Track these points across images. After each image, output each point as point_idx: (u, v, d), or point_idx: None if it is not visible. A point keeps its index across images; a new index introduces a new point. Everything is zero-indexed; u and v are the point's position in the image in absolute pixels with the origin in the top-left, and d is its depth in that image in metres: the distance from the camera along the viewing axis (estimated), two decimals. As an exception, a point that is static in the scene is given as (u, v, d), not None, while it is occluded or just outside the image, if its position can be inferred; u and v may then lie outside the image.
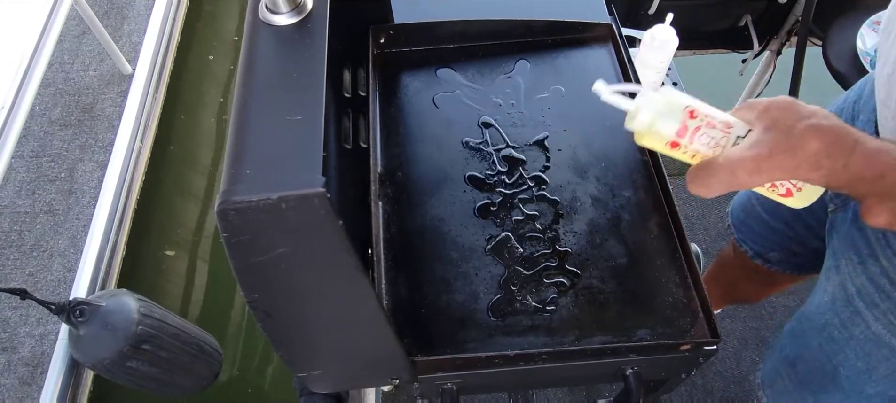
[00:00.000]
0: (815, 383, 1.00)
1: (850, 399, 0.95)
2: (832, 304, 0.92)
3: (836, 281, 0.91)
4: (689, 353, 0.84)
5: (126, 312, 1.03)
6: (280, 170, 0.53)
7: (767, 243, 1.24)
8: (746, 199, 1.27)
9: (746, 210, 1.26)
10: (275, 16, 0.65)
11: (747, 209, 1.26)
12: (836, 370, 0.94)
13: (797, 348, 1.04)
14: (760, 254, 1.27)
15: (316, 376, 0.79)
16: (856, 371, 0.92)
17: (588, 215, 0.93)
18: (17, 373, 1.86)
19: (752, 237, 1.27)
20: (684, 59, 2.12)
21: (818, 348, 0.97)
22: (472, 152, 1.00)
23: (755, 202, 1.23)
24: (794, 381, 1.05)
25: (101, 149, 2.35)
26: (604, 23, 1.14)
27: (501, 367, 0.82)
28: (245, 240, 0.54)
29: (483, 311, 0.84)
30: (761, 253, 1.27)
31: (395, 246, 0.89)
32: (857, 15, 1.59)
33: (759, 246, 1.26)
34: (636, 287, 0.87)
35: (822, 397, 1.00)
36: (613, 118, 1.06)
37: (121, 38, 2.65)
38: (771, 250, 1.25)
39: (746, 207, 1.26)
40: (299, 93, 0.58)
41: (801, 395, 1.04)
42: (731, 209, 1.32)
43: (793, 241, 1.18)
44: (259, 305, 0.62)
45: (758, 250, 1.27)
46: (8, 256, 2.10)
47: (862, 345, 0.89)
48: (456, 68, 1.11)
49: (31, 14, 1.82)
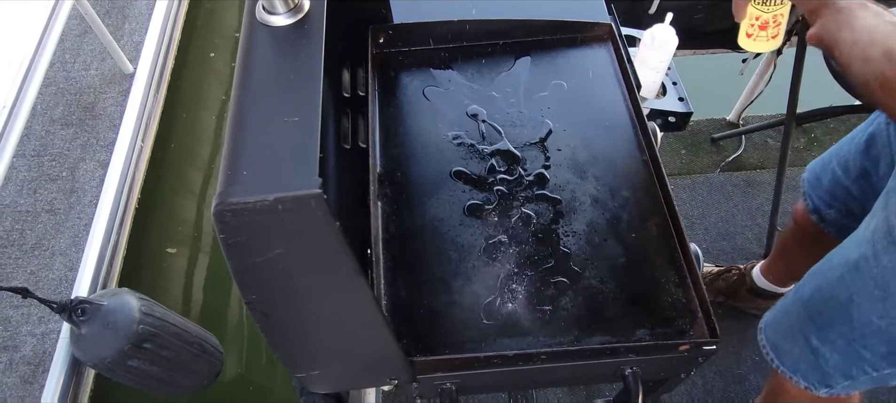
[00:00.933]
0: (825, 316, 1.03)
1: (855, 331, 0.98)
2: (871, 235, 0.96)
3: (881, 216, 0.95)
4: (689, 353, 0.84)
5: (127, 311, 1.03)
6: (276, 171, 0.53)
7: (830, 198, 1.31)
8: (827, 158, 1.32)
9: (823, 166, 1.33)
10: (272, 16, 0.65)
11: (824, 165, 1.33)
12: (850, 298, 0.98)
13: (816, 282, 1.07)
14: (818, 210, 1.34)
15: (314, 376, 0.79)
16: (870, 300, 0.95)
17: (587, 215, 0.93)
18: (18, 372, 1.87)
19: (819, 193, 1.33)
20: (684, 58, 2.11)
21: (838, 279, 1.01)
22: (472, 152, 1.00)
23: (834, 161, 1.29)
24: (801, 319, 1.08)
25: (103, 148, 2.35)
26: (603, 22, 1.14)
27: (500, 367, 0.82)
28: (242, 241, 0.54)
29: (482, 311, 0.84)
30: (819, 209, 1.34)
31: (394, 247, 0.89)
32: (857, 14, 1.59)
33: (821, 202, 1.33)
34: (635, 287, 0.87)
35: (827, 332, 1.03)
36: (613, 118, 1.07)
37: (122, 38, 2.66)
38: (830, 206, 1.31)
39: (824, 163, 1.33)
40: (296, 94, 0.58)
41: (806, 332, 1.07)
42: (806, 172, 1.39)
43: (855, 201, 1.24)
44: (256, 306, 0.62)
45: (818, 205, 1.34)
46: (9, 255, 2.10)
47: (885, 274, 0.93)
48: (455, 68, 1.11)
49: (32, 13, 1.82)
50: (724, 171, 2.29)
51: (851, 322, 0.99)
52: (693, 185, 2.19)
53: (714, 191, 2.18)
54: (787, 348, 1.13)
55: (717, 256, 2.02)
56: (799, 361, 1.11)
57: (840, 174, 1.27)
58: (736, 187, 2.20)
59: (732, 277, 1.80)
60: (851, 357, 1.02)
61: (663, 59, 1.17)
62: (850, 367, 1.03)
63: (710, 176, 2.25)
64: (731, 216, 2.12)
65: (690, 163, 2.34)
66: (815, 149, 2.33)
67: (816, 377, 1.10)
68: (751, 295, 1.79)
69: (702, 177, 2.24)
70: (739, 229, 2.09)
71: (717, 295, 1.83)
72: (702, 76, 2.39)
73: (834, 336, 1.03)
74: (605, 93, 1.08)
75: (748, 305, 1.83)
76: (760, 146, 2.38)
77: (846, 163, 1.25)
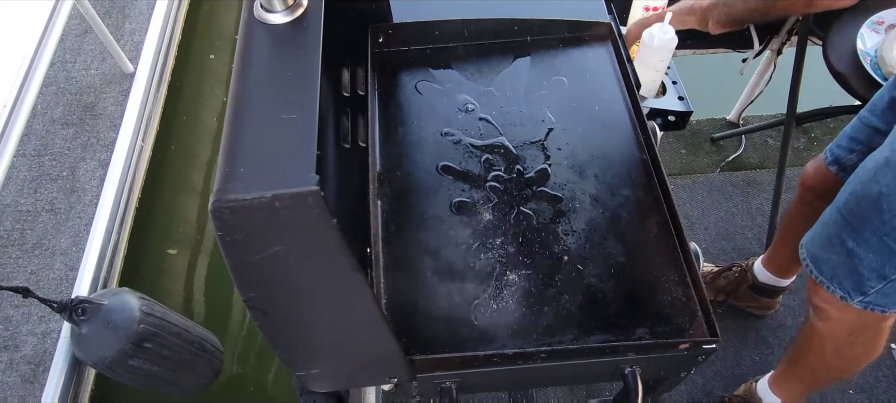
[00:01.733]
0: (858, 216, 1.07)
1: (886, 224, 1.03)
2: None
3: None
4: (688, 352, 0.84)
5: (128, 310, 1.03)
6: (274, 169, 0.53)
7: (851, 143, 1.31)
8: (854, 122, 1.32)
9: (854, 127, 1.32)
10: (270, 15, 0.65)
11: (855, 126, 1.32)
12: (880, 193, 1.02)
13: (851, 187, 1.10)
14: (838, 160, 1.34)
15: (314, 375, 0.79)
16: None
17: (587, 214, 0.93)
18: (19, 372, 1.87)
19: (840, 142, 1.34)
20: (684, 58, 2.11)
21: (870, 178, 1.05)
22: (472, 151, 1.00)
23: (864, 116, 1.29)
24: (838, 224, 1.12)
25: (103, 147, 2.35)
26: (603, 21, 1.14)
27: (500, 366, 0.82)
28: (240, 239, 0.54)
29: (482, 310, 0.84)
30: (839, 159, 1.33)
31: (394, 245, 0.89)
32: (857, 15, 1.59)
33: (841, 150, 1.33)
34: (635, 286, 0.87)
35: (861, 231, 1.07)
36: (613, 117, 1.07)
37: (122, 38, 2.66)
38: (851, 151, 1.31)
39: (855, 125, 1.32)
40: (294, 91, 0.58)
41: (842, 235, 1.11)
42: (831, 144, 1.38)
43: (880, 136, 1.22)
44: (255, 304, 0.62)
45: (838, 155, 1.34)
46: (10, 255, 2.10)
47: None
48: (455, 67, 1.11)
49: (32, 13, 1.82)
50: (724, 171, 2.29)
51: (882, 215, 1.02)
52: (693, 185, 2.19)
53: (714, 190, 2.18)
54: (826, 257, 1.16)
55: (717, 256, 2.02)
56: (836, 268, 1.14)
57: (865, 115, 1.28)
58: (736, 187, 2.20)
59: (733, 274, 1.79)
60: (884, 253, 1.05)
61: (663, 59, 1.17)
62: (884, 265, 1.06)
63: (710, 175, 2.25)
64: (731, 216, 2.12)
65: (690, 162, 2.34)
66: (815, 148, 2.33)
67: (852, 283, 1.12)
68: (752, 293, 1.79)
69: (702, 176, 2.24)
70: (739, 229, 2.09)
71: (718, 293, 1.83)
72: (702, 75, 2.39)
73: (867, 234, 1.06)
74: (604, 92, 1.08)
75: (749, 303, 1.83)
76: (760, 146, 2.38)
77: (872, 105, 1.26)
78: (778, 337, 1.83)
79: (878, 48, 1.50)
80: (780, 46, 2.07)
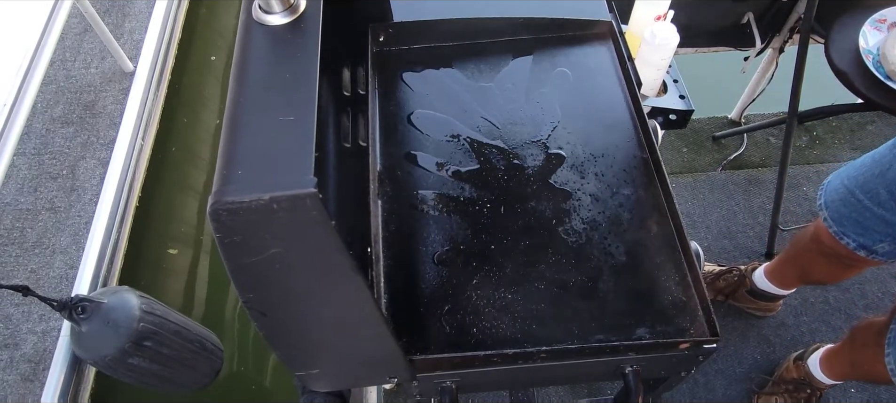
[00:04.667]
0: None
1: None
2: None
3: None
4: (689, 351, 0.83)
5: (128, 309, 1.03)
6: (272, 171, 0.53)
7: (877, 235, 1.21)
8: (845, 193, 1.23)
9: (847, 204, 1.23)
10: (268, 16, 0.64)
11: (848, 202, 1.23)
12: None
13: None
14: (866, 247, 1.23)
15: (314, 375, 0.79)
16: None
17: (588, 213, 0.93)
18: (19, 370, 1.87)
19: (859, 230, 1.23)
20: (686, 57, 2.11)
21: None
22: (472, 150, 1.00)
23: (857, 193, 1.21)
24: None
25: (103, 146, 2.35)
26: (604, 20, 1.14)
27: (500, 366, 0.82)
28: (238, 241, 0.53)
29: (482, 309, 0.84)
30: (868, 246, 1.23)
31: (394, 245, 0.89)
32: (859, 13, 1.58)
33: (866, 239, 1.23)
34: (635, 285, 0.87)
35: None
36: (614, 115, 1.06)
37: (122, 36, 2.65)
38: (880, 242, 1.22)
39: (847, 201, 1.23)
40: (292, 93, 0.58)
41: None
42: (825, 201, 1.29)
43: None
44: (254, 305, 0.62)
45: (864, 242, 1.23)
46: (10, 253, 2.10)
47: None
48: (456, 66, 1.10)
49: (32, 12, 1.82)
50: (726, 170, 2.29)
51: None
52: (694, 184, 2.19)
53: (715, 189, 2.18)
54: None
55: (719, 255, 2.01)
56: None
57: (876, 209, 1.20)
58: (737, 186, 2.19)
59: (733, 277, 1.79)
60: None
61: (664, 57, 1.17)
62: None
63: (711, 174, 2.24)
64: (733, 215, 2.12)
65: (692, 161, 2.34)
66: (817, 147, 2.33)
67: None
68: (750, 296, 1.78)
69: (703, 175, 2.23)
70: (741, 228, 2.08)
71: (717, 294, 1.83)
72: (703, 74, 2.38)
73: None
74: (605, 91, 1.08)
75: (748, 305, 1.82)
76: (762, 144, 2.37)
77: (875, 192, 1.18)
78: (780, 336, 1.83)
79: (881, 46, 1.50)
80: (782, 45, 2.06)
